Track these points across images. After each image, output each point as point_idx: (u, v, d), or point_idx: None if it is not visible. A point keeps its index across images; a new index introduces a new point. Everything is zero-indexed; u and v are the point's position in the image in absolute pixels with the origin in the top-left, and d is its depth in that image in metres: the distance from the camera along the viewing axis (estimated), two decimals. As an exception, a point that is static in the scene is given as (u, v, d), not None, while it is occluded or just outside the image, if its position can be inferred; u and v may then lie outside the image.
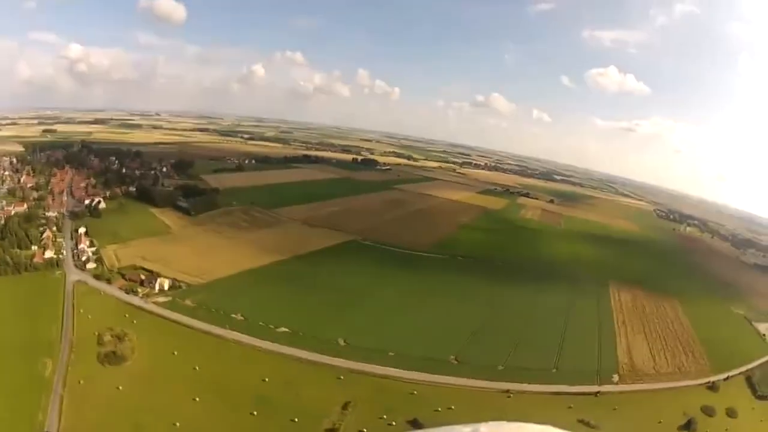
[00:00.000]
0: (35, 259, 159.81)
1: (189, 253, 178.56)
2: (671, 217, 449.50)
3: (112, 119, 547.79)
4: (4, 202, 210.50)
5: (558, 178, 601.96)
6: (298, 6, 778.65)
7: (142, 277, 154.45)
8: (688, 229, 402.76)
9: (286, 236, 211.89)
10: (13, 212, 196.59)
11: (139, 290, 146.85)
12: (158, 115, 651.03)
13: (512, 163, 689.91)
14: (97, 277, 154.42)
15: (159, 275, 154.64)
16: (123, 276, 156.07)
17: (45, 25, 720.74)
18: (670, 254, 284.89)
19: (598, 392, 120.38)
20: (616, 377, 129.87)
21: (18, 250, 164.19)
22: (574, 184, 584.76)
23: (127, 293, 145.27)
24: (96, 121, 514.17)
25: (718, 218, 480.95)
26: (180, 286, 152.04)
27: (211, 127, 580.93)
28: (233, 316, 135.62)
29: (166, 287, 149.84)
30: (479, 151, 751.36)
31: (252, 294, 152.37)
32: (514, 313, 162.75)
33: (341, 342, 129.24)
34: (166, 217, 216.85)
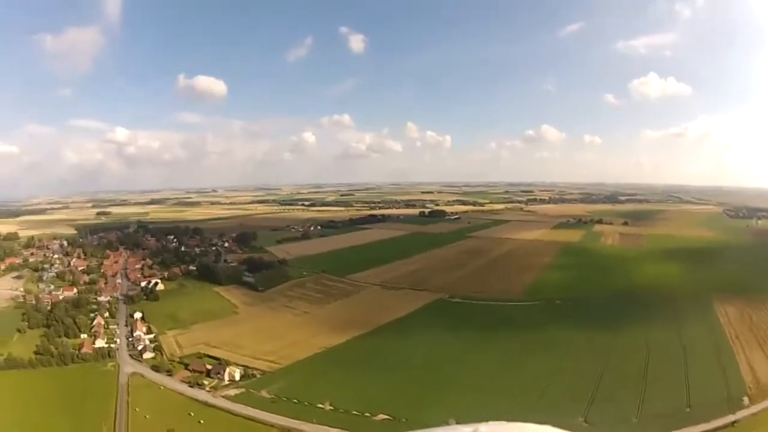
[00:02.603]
0: (84, 349, 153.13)
1: (260, 334, 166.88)
2: (740, 214, 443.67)
3: (168, 198, 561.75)
4: (52, 287, 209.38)
5: (623, 198, 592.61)
6: (336, 70, 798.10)
7: (209, 366, 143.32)
8: (759, 222, 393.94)
9: (367, 304, 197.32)
10: (61, 297, 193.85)
11: (206, 382, 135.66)
12: (215, 191, 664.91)
13: (575, 192, 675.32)
14: (155, 368, 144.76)
15: (228, 363, 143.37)
16: (186, 366, 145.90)
17: (84, 111, 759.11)
18: (752, 253, 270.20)
19: (735, 421, 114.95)
20: (746, 399, 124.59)
21: (65, 339, 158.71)
22: (640, 201, 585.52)
23: (192, 386, 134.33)
24: (152, 201, 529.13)
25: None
26: (253, 375, 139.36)
27: (269, 198, 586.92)
28: (319, 406, 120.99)
29: (237, 377, 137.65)
30: (539, 186, 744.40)
31: (338, 377, 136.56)
32: (628, 356, 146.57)
33: (452, 422, 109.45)
34: (232, 295, 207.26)
